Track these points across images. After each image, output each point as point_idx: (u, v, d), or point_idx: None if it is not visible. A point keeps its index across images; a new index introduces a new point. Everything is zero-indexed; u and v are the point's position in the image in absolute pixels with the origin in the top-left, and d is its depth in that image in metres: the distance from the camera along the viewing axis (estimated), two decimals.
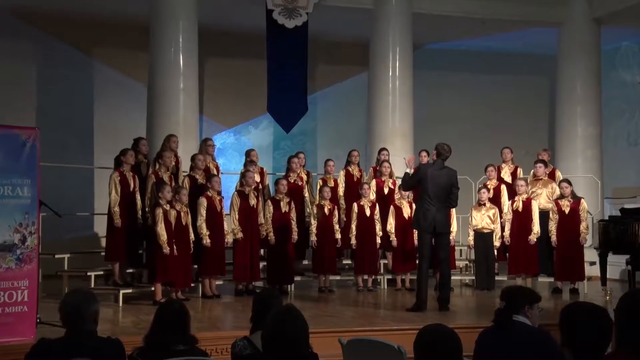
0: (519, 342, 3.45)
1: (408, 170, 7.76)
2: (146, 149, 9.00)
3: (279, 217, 8.98)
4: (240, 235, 8.68)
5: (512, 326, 3.52)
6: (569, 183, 9.20)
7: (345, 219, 9.73)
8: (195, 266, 8.64)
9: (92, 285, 8.34)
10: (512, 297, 3.65)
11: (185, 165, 9.19)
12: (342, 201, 9.88)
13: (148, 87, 10.35)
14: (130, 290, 8.35)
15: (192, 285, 8.56)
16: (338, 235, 9.38)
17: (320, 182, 9.88)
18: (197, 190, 8.72)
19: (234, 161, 13.09)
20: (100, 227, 10.34)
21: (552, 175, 9.94)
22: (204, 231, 8.41)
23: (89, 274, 8.47)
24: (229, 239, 8.66)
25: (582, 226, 9.05)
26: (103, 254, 8.54)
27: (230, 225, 8.70)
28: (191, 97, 10.21)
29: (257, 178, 9.58)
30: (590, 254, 9.86)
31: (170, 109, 10.02)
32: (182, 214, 8.14)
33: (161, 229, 7.87)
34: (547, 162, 10.03)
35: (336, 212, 9.43)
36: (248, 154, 9.74)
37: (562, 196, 9.17)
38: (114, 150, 8.70)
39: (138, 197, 8.49)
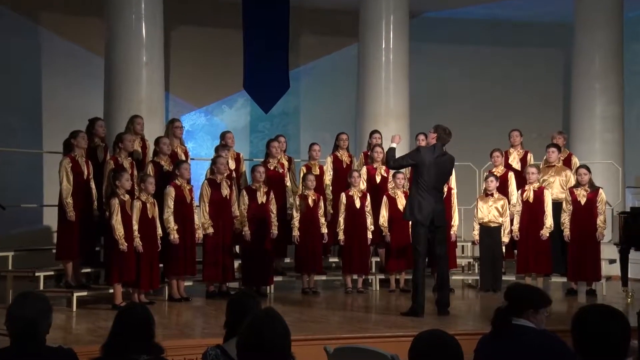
0: (523, 348, 3.47)
1: (393, 145, 7.75)
2: (103, 131, 8.96)
3: (256, 209, 8.98)
4: (210, 230, 8.68)
5: (513, 331, 3.54)
6: (588, 170, 9.24)
7: (332, 211, 9.75)
8: (162, 265, 8.62)
9: (41, 287, 8.29)
10: (517, 297, 3.67)
11: (150, 150, 9.18)
12: (328, 191, 9.90)
13: (105, 60, 10.27)
14: (85, 293, 8.32)
15: (158, 286, 8.55)
16: (324, 230, 9.40)
17: (303, 169, 9.88)
18: (163, 178, 8.70)
19: (205, 145, 13.06)
20: (50, 220, 10.29)
21: (567, 162, 10.00)
22: (172, 225, 8.40)
23: (37, 274, 8.41)
24: (200, 234, 8.65)
25: (599, 220, 9.11)
26: (54, 251, 8.50)
27: (200, 218, 8.68)
28: (155, 72, 10.16)
29: (233, 165, 9.58)
30: (610, 251, 9.94)
31: (130, 85, 9.97)
32: (148, 205, 8.12)
33: (117, 222, 7.85)
34: (562, 147, 10.08)
35: (322, 204, 9.44)
36: (223, 136, 9.75)
37: (578, 184, 9.23)
38: (66, 132, 8.64)
39: (93, 186, 8.46)
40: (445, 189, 8.25)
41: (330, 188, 9.89)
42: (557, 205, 9.35)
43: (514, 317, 3.59)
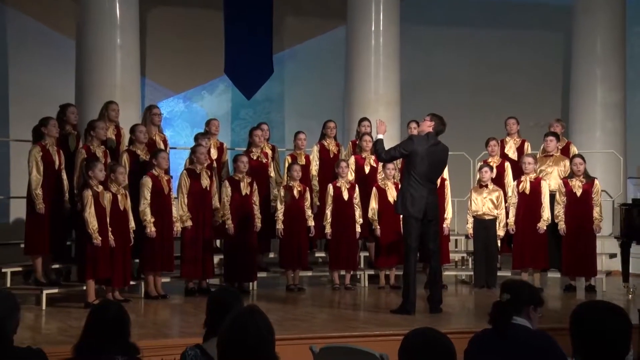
0: (519, 350, 3.48)
1: (380, 136, 7.74)
2: (75, 118, 8.91)
3: (239, 201, 8.98)
4: (189, 223, 8.67)
5: (510, 331, 3.55)
6: (583, 160, 9.30)
7: (319, 203, 9.75)
8: (137, 260, 8.61)
9: (8, 284, 8.27)
10: (518, 292, 3.68)
11: (126, 139, 9.14)
12: (315, 182, 9.90)
13: (77, 42, 10.21)
14: (55, 290, 8.29)
15: (133, 283, 8.54)
16: (310, 223, 9.41)
17: (288, 158, 9.88)
18: (139, 168, 8.68)
19: (184, 133, 13.02)
20: (18, 213, 10.23)
21: (565, 151, 10.04)
22: (148, 218, 8.38)
23: (3, 270, 8.39)
24: (178, 227, 8.65)
25: (596, 212, 9.18)
26: (22, 245, 8.45)
27: (178, 211, 8.67)
28: (130, 56, 10.12)
29: (215, 154, 9.57)
30: (610, 245, 10.02)
31: (104, 69, 9.92)
32: (119, 197, 8.10)
33: (90, 215, 7.81)
34: (560, 135, 10.13)
35: (308, 195, 9.45)
36: (208, 123, 9.78)
37: (573, 175, 9.28)
38: (35, 119, 8.59)
39: (65, 176, 8.41)
40: (439, 181, 8.26)
41: (317, 179, 9.90)
42: (555, 197, 9.38)
43: (513, 313, 3.59)
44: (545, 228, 9.29)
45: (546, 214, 9.27)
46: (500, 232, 9.51)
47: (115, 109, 9.03)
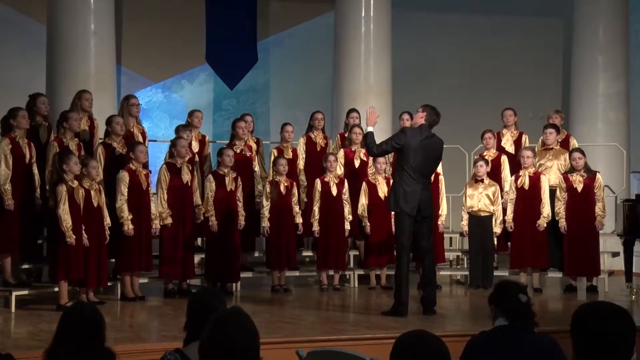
0: (520, 353, 3.50)
1: (371, 129, 7.74)
2: (46, 109, 8.85)
3: (223, 197, 8.97)
4: (169, 220, 8.65)
5: (512, 333, 3.57)
6: (583, 153, 9.32)
7: (306, 200, 9.76)
8: (113, 260, 8.58)
9: None
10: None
11: (100, 131, 9.11)
12: (302, 177, 9.90)
13: (47, 28, 10.15)
14: (26, 292, 8.26)
15: (109, 284, 8.52)
16: (298, 220, 9.42)
17: (274, 152, 9.87)
18: (115, 162, 8.65)
19: (162, 125, 12.99)
20: None
21: (565, 144, 10.07)
22: (125, 215, 8.36)
23: None
24: (157, 225, 8.63)
25: (598, 207, 9.20)
26: None
27: (157, 207, 8.66)
28: (106, 43, 10.08)
29: (196, 147, 9.56)
30: (613, 243, 10.06)
31: (77, 57, 9.89)
32: (92, 192, 8.07)
33: (64, 212, 7.78)
34: (560, 127, 10.16)
35: (295, 191, 9.45)
36: (190, 115, 9.78)
37: (573, 170, 9.31)
38: (3, 109, 8.54)
39: (36, 170, 8.37)
40: (433, 176, 8.27)
41: (304, 173, 9.89)
42: (555, 193, 9.41)
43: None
44: (545, 225, 9.31)
45: (546, 210, 9.29)
46: (497, 230, 9.53)
47: (88, 98, 8.98)
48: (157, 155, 10.78)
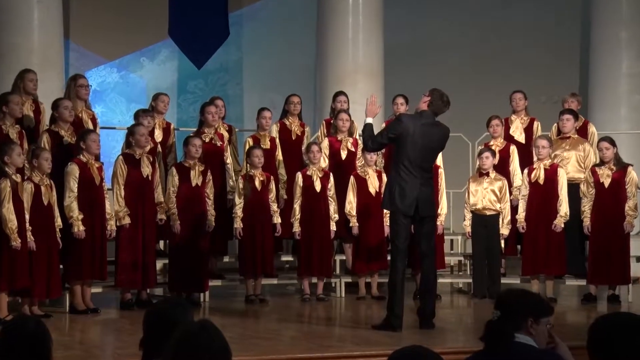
0: None
1: (369, 120, 7.73)
2: None
3: (188, 193, 8.95)
4: (127, 220, 8.61)
5: (511, 350, 3.55)
6: (612, 143, 9.32)
7: (286, 197, 9.74)
8: (62, 267, 8.53)
9: None
10: (512, 305, 3.69)
11: (46, 116, 9.05)
12: (282, 170, 9.89)
13: None
14: None
15: (58, 295, 8.46)
16: (276, 220, 9.40)
17: (249, 141, 9.87)
18: (63, 152, 8.60)
19: (119, 110, 12.94)
20: None
21: (582, 132, 10.10)
22: (75, 214, 8.32)
23: None
24: (113, 225, 8.60)
25: (628, 206, 9.20)
26: None
27: (113, 206, 8.60)
28: (51, 14, 10.07)
29: (160, 136, 9.54)
30: (637, 246, 10.09)
31: (19, 30, 9.87)
32: (42, 188, 8.04)
33: (8, 211, 7.75)
34: (577, 113, 10.18)
35: (273, 186, 9.44)
36: (155, 98, 9.81)
37: (601, 162, 9.31)
38: None
39: None
40: None
41: (284, 166, 9.88)
42: (573, 188, 9.43)
43: (513, 331, 3.60)
44: (562, 226, 9.31)
45: (563, 208, 9.28)
46: (504, 231, 9.54)
47: (32, 79, 8.93)
48: (112, 145, 10.74)
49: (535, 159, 9.50)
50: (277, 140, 9.99)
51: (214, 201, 9.14)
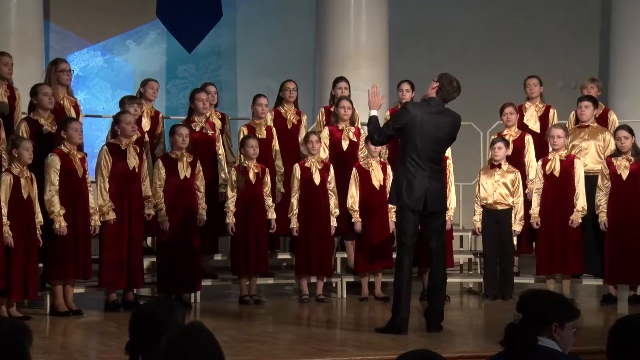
0: None
1: (374, 113, 7.73)
2: None
3: (176, 187, 8.95)
4: (112, 215, 8.61)
5: (535, 355, 3.56)
6: (631, 132, 9.33)
7: (283, 190, 9.74)
8: (41, 265, 8.53)
9: None
10: (536, 308, 3.69)
11: (23, 104, 9.06)
12: (279, 161, 9.89)
13: None
14: None
15: (37, 295, 8.47)
16: (271, 215, 9.41)
17: (243, 130, 9.88)
18: (43, 143, 8.59)
19: (103, 97, 12.94)
20: None
21: (602, 120, 10.10)
22: (57, 209, 8.31)
23: None
24: (97, 221, 8.60)
25: None
26: None
27: (97, 200, 8.60)
28: None
29: (148, 125, 9.55)
30: None
31: None
32: (22, 181, 8.04)
33: None
34: (597, 100, 10.17)
35: (268, 179, 9.44)
36: (144, 84, 9.82)
37: (618, 152, 9.32)
38: None
39: None
40: None
41: (281, 157, 9.88)
42: (591, 181, 9.42)
43: (536, 335, 3.60)
44: (580, 221, 9.32)
45: (580, 202, 9.29)
46: (517, 227, 9.55)
47: (8, 63, 8.95)
48: (96, 134, 10.75)
49: (550, 149, 9.50)
50: (274, 130, 9.99)
51: (205, 194, 9.14)
